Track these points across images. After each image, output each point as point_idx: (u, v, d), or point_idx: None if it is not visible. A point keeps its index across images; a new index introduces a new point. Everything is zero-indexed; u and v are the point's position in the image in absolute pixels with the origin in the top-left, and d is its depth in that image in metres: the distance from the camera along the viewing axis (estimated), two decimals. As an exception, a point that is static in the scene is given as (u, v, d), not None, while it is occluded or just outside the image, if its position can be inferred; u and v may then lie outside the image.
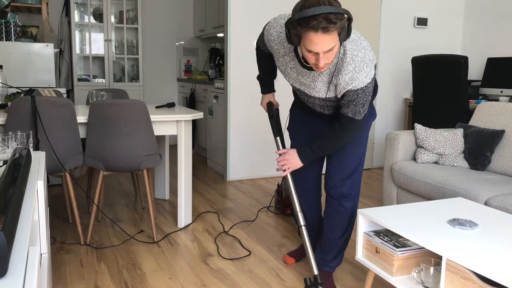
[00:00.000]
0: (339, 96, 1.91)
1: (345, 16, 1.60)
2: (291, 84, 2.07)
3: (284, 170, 2.09)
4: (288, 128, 2.39)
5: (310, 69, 1.88)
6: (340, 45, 1.75)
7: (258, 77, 2.37)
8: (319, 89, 1.93)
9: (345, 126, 1.94)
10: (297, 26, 1.62)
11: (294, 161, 2.07)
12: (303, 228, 2.10)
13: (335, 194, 2.15)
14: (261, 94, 2.49)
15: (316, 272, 2.07)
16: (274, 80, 2.40)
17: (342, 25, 1.60)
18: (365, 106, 1.88)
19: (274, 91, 2.40)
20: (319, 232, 2.38)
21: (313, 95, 1.98)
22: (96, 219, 3.14)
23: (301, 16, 1.58)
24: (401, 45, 4.83)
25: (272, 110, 2.32)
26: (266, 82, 2.35)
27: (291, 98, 2.73)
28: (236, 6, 4.09)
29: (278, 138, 2.26)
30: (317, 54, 1.67)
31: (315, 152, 2.03)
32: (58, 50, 4.54)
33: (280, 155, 2.12)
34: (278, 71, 2.61)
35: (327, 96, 1.95)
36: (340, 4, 1.61)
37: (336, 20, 1.56)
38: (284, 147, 2.24)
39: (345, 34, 1.65)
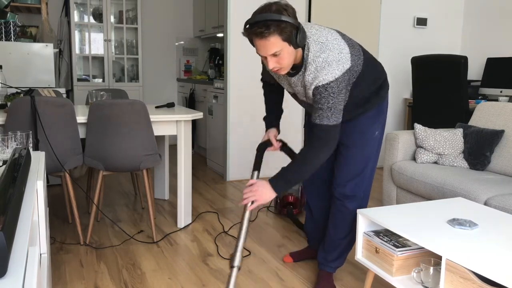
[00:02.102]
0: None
1: (289, 23, 1.66)
2: (289, 93, 2.10)
3: (251, 203, 1.92)
4: (304, 126, 2.40)
5: (292, 75, 1.91)
6: (304, 51, 1.81)
7: (264, 118, 2.33)
8: (302, 93, 1.95)
9: (316, 135, 1.84)
10: (244, 32, 1.74)
11: (263, 193, 1.90)
12: (235, 270, 1.85)
13: (338, 195, 2.15)
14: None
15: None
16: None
17: (283, 31, 1.66)
18: (332, 110, 1.79)
19: (277, 128, 2.29)
20: (324, 232, 2.37)
21: (303, 100, 2.00)
22: (95, 219, 3.14)
23: (247, 23, 1.69)
24: (401, 45, 4.83)
25: (262, 147, 2.17)
26: (269, 117, 2.31)
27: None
28: (236, 6, 4.09)
29: (255, 172, 2.06)
30: (266, 57, 1.75)
31: (290, 178, 1.87)
32: (57, 50, 4.54)
33: (249, 186, 1.95)
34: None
35: (308, 101, 1.95)
36: (292, 13, 1.69)
37: (273, 26, 1.64)
38: None
39: (294, 39, 1.70)
